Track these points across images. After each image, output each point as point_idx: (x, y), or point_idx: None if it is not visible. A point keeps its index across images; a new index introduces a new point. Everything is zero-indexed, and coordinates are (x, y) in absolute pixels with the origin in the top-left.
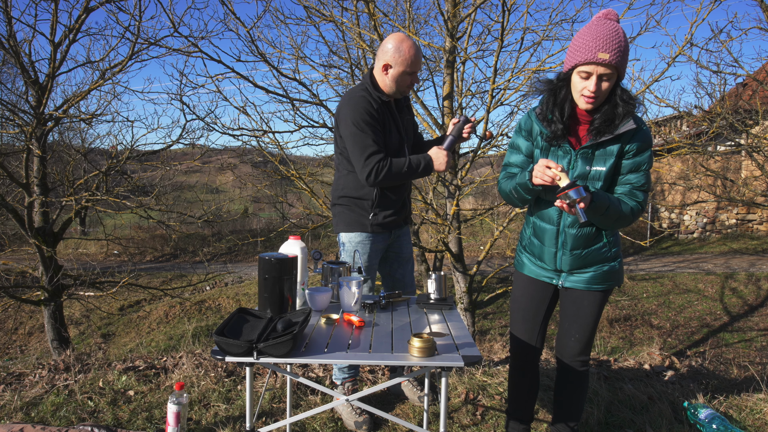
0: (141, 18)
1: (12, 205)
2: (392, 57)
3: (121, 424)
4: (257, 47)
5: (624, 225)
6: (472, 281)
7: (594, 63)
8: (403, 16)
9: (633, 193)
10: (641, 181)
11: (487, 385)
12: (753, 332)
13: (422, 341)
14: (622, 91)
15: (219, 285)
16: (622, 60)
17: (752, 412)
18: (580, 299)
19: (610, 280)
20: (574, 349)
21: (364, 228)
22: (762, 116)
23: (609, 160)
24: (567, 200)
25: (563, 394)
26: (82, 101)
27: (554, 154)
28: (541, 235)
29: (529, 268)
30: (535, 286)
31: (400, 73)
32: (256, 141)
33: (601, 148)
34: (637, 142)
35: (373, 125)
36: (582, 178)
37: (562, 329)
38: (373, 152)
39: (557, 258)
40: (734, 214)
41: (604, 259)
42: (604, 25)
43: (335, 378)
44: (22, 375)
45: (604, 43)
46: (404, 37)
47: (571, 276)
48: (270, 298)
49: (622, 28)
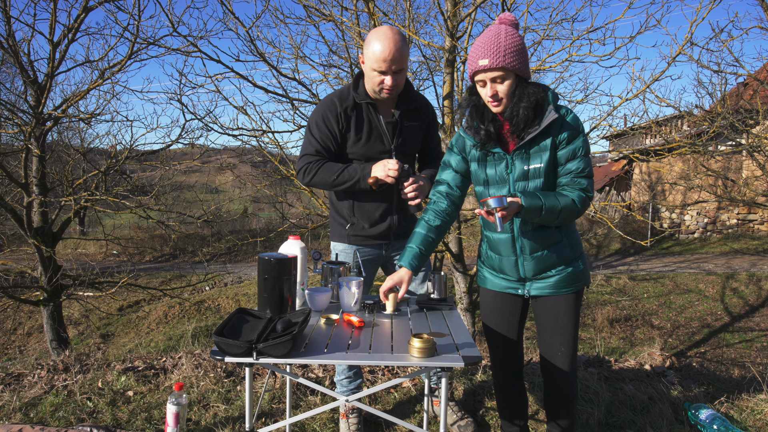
0: (140, 17)
1: (11, 205)
2: (364, 52)
3: (120, 425)
4: (256, 47)
5: (573, 217)
6: (472, 281)
7: (479, 71)
8: (403, 15)
9: (575, 181)
10: (580, 166)
11: (487, 385)
12: (754, 332)
13: (422, 341)
14: (521, 87)
15: (218, 285)
16: (508, 59)
17: (753, 412)
18: (556, 308)
19: (577, 281)
20: (563, 364)
21: (343, 239)
22: (763, 116)
23: (544, 155)
24: (487, 208)
25: (554, 408)
26: (81, 101)
27: (491, 162)
28: (496, 246)
29: (492, 282)
30: (503, 299)
31: (369, 70)
32: (256, 141)
33: (535, 145)
34: (566, 130)
35: (322, 128)
36: (522, 178)
37: (544, 344)
38: (306, 153)
39: (519, 265)
40: (735, 214)
41: (567, 260)
42: (486, 32)
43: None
44: (21, 375)
45: (482, 50)
46: (383, 31)
47: (536, 282)
48: (269, 298)
49: (510, 29)
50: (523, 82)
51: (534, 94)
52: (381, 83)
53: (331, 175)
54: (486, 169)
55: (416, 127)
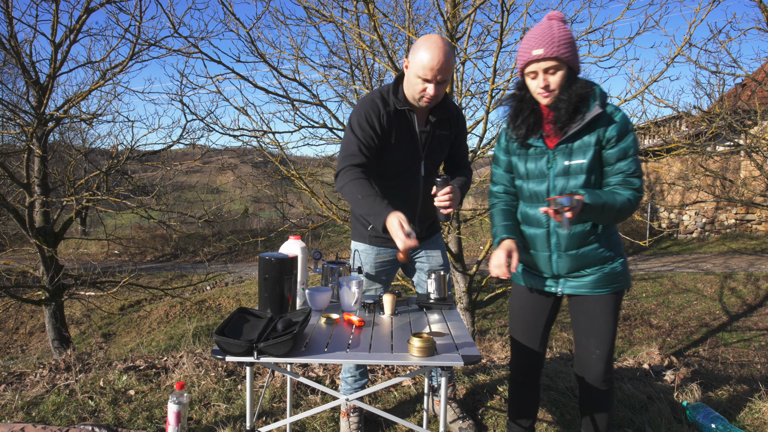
0: (141, 19)
1: (13, 205)
2: (410, 57)
3: (121, 424)
4: (257, 48)
5: (626, 215)
6: (472, 281)
7: (532, 61)
8: (403, 16)
9: (627, 181)
10: (632, 167)
11: (487, 384)
12: (752, 332)
13: (422, 341)
14: (570, 80)
15: (219, 285)
16: (562, 50)
17: (751, 411)
18: (592, 309)
19: (615, 283)
20: (597, 368)
21: (364, 239)
22: (761, 116)
23: (588, 152)
24: (556, 206)
25: (588, 412)
26: (82, 101)
27: (531, 156)
28: (532, 240)
29: (524, 278)
30: (533, 296)
31: (413, 76)
32: (257, 141)
33: (578, 140)
34: (615, 129)
35: (365, 127)
36: (563, 174)
37: (580, 346)
38: (348, 153)
39: (552, 262)
40: (733, 214)
41: (603, 260)
42: (538, 26)
43: (342, 390)
44: (23, 374)
45: (536, 41)
46: (433, 39)
47: (571, 281)
48: (270, 297)
49: (561, 23)
50: (573, 76)
51: (580, 89)
52: (423, 91)
53: (356, 195)
54: (526, 163)
55: (445, 136)
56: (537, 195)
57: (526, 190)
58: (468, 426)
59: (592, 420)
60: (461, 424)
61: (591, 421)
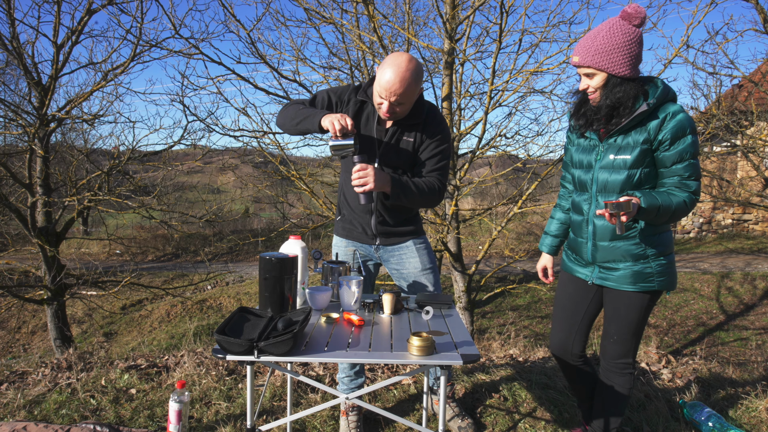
0: (142, 20)
1: (15, 205)
2: (379, 66)
3: (123, 422)
4: (257, 49)
5: (680, 217)
6: (471, 281)
7: (576, 66)
8: (402, 18)
9: (684, 184)
10: (689, 171)
11: (486, 383)
12: (749, 331)
13: (421, 340)
14: (611, 84)
15: (220, 284)
16: (597, 59)
17: (748, 410)
18: (617, 300)
19: (644, 282)
20: (612, 350)
21: (338, 231)
22: (757, 117)
23: (635, 150)
24: (613, 210)
25: (601, 395)
26: (84, 102)
27: (585, 147)
28: (576, 227)
29: (567, 265)
30: (574, 284)
31: (376, 85)
32: (257, 142)
33: (628, 137)
34: (669, 131)
35: (330, 93)
36: (607, 167)
37: (604, 330)
38: (303, 99)
39: (587, 249)
40: (730, 214)
41: (636, 256)
42: (595, 27)
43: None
44: (25, 373)
45: (579, 46)
46: (398, 63)
47: (602, 272)
48: (270, 297)
49: (619, 24)
50: (614, 80)
51: (620, 92)
52: (379, 105)
53: (294, 110)
54: (579, 153)
55: (409, 143)
56: (583, 184)
57: (576, 178)
58: (467, 425)
59: (603, 403)
60: (460, 423)
61: (602, 403)
